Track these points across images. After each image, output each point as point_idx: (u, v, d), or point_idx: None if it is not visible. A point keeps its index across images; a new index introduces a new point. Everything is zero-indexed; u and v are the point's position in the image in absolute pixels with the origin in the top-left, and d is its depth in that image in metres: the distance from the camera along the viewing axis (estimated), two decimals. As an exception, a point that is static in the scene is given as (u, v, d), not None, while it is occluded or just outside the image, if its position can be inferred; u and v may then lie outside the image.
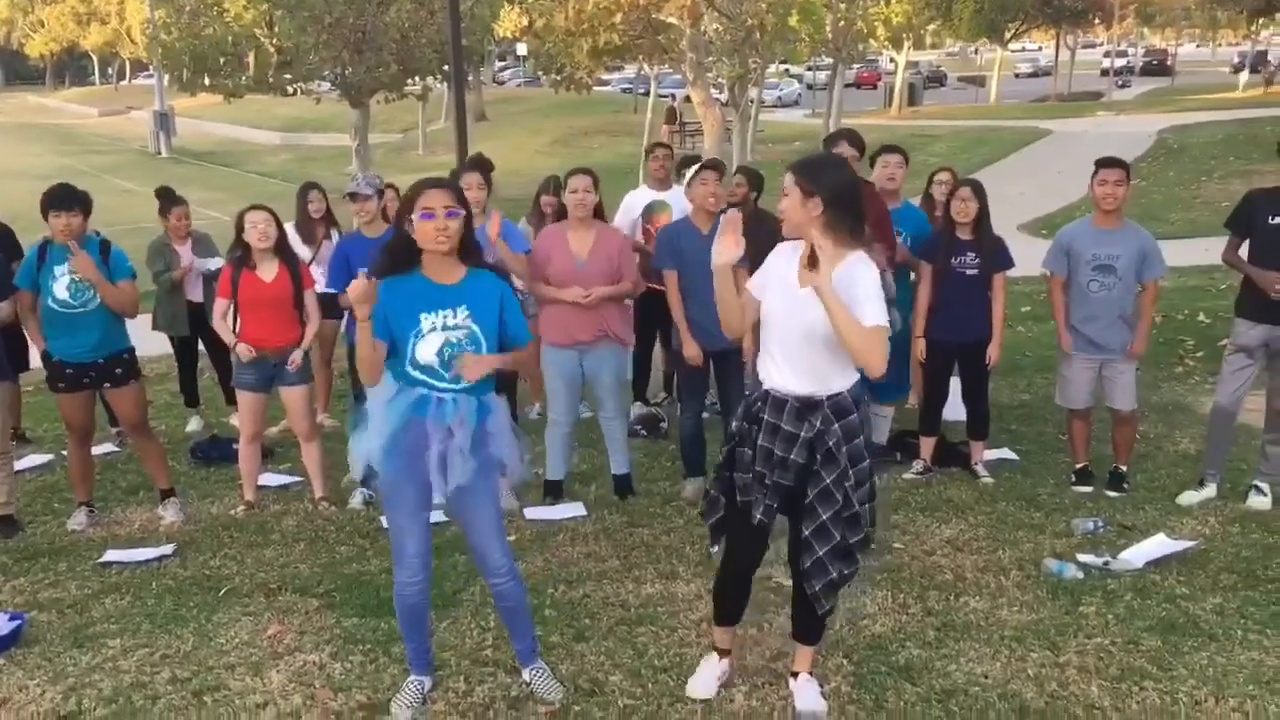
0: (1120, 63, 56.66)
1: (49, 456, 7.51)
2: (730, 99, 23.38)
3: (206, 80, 23.46)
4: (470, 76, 37.63)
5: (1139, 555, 5.16)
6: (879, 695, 3.98)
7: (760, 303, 3.68)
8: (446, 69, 21.01)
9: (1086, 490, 6.15)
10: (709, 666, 4.04)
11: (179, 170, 36.49)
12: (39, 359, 7.76)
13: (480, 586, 4.97)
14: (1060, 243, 6.15)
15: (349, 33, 21.31)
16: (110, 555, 5.58)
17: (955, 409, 6.64)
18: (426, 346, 3.65)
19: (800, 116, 42.25)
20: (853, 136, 6.28)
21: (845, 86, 36.38)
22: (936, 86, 57.40)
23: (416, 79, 23.78)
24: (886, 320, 3.47)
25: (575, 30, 20.97)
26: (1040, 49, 75.74)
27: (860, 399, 3.66)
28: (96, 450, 6.79)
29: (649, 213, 7.48)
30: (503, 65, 64.33)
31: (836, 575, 3.64)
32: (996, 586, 4.92)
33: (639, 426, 7.46)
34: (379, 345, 3.66)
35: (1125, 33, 66.74)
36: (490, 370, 3.70)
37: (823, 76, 42.14)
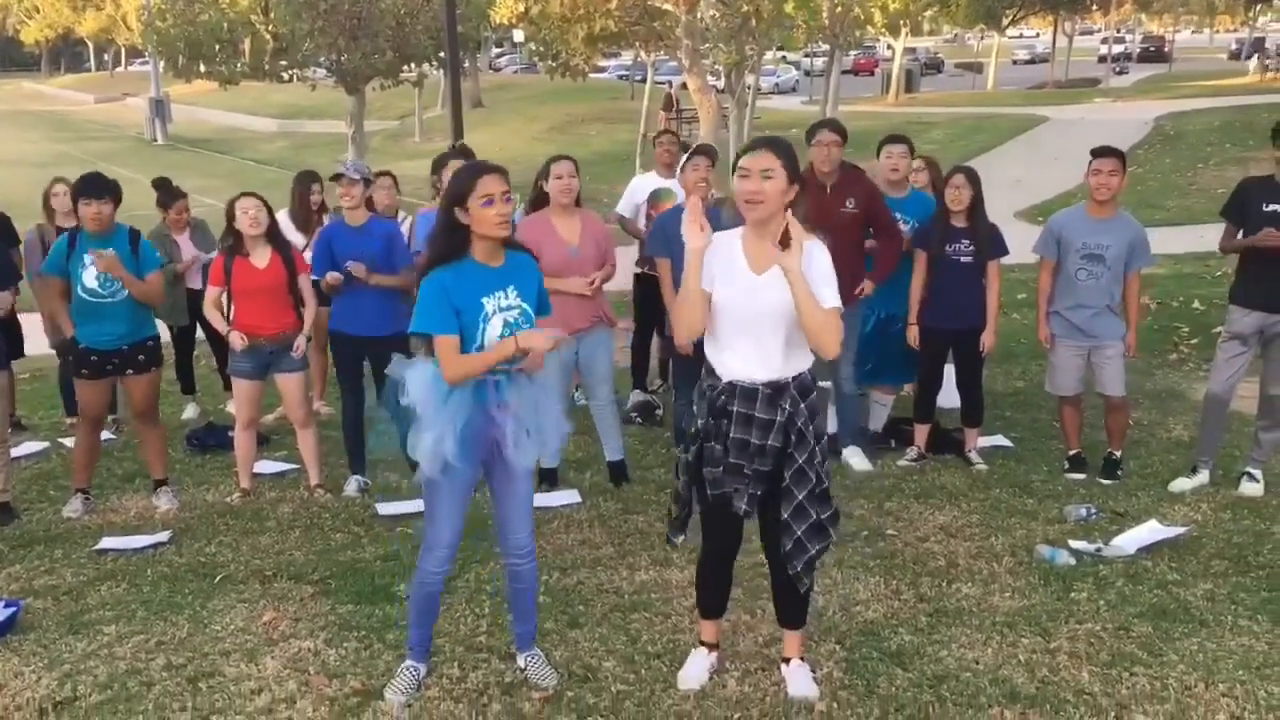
0: (1118, 49, 56.57)
1: (45, 444, 7.52)
2: (727, 86, 23.30)
3: (202, 67, 23.34)
4: (466, 63, 37.49)
5: (1131, 541, 5.18)
6: (871, 681, 4.00)
7: (709, 291, 3.62)
8: (442, 56, 20.93)
9: (1079, 477, 6.18)
10: (698, 659, 4.07)
11: (175, 157, 36.41)
12: (37, 347, 7.83)
13: (475, 574, 5.00)
14: (1051, 229, 6.17)
15: (344, 19, 21.20)
16: (106, 542, 5.59)
17: (950, 396, 6.66)
18: (492, 329, 3.68)
19: (797, 103, 42.10)
20: (834, 125, 6.28)
21: (842, 73, 36.30)
22: (933, 73, 57.25)
23: (412, 66, 23.67)
24: (840, 302, 3.53)
25: (571, 16, 20.88)
26: (1038, 35, 75.62)
27: (815, 377, 3.73)
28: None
29: (654, 199, 7.51)
30: (499, 52, 64.13)
31: (814, 552, 3.70)
32: (989, 573, 4.94)
33: (635, 414, 7.48)
34: (486, 355, 3.65)
35: (1123, 19, 66.59)
36: (551, 344, 3.68)
37: (820, 63, 42.01)
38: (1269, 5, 50.36)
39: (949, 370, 6.56)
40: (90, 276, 5.76)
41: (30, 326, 7.66)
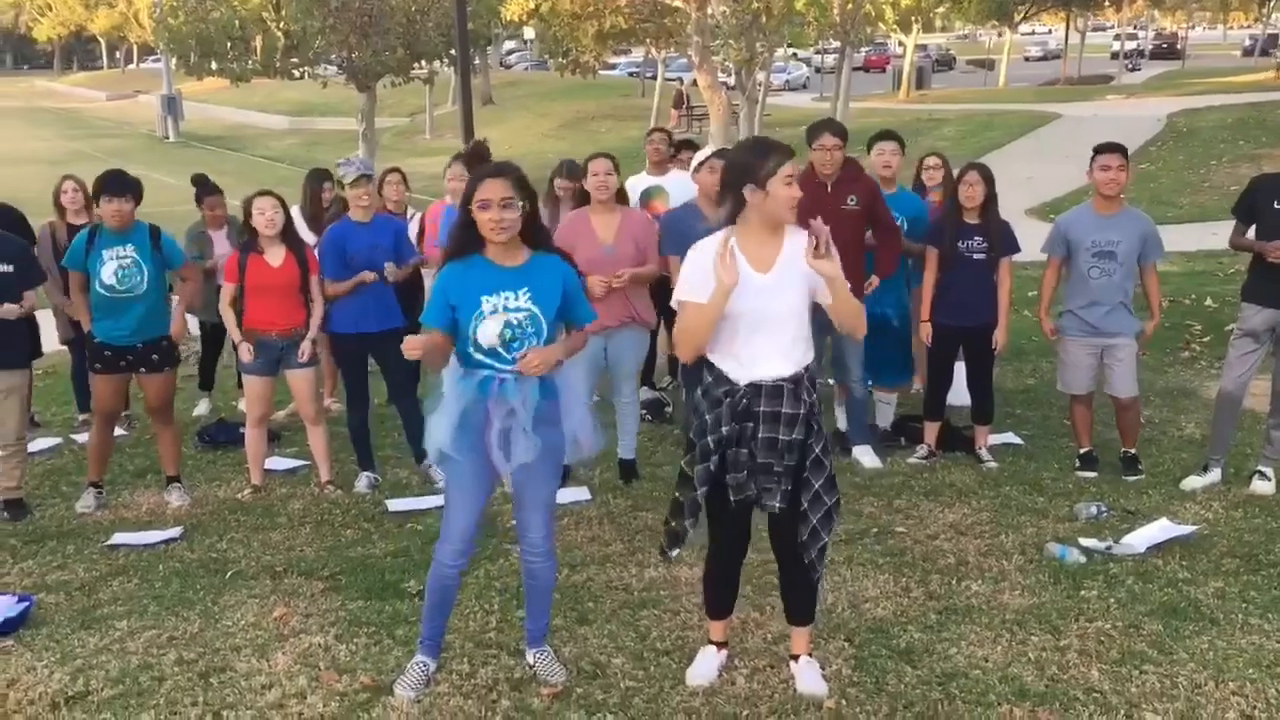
0: (1130, 46, 56.35)
1: (57, 440, 7.55)
2: (738, 83, 23.30)
3: (213, 64, 23.43)
4: (477, 60, 37.53)
5: (1142, 539, 5.17)
6: (879, 678, 4.00)
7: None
8: (453, 53, 20.98)
9: (1090, 475, 6.16)
10: (707, 657, 4.07)
11: (187, 154, 36.51)
12: (54, 344, 7.85)
13: (485, 570, 5.01)
14: (1059, 229, 6.16)
15: (355, 16, 21.28)
16: (118, 538, 5.62)
17: (960, 394, 6.65)
18: (488, 328, 3.70)
19: (808, 100, 42.07)
20: (835, 127, 6.27)
21: (854, 70, 36.23)
22: (945, 70, 57.17)
23: (423, 63, 23.73)
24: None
25: (581, 13, 20.93)
26: (1050, 32, 75.35)
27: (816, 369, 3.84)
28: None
29: (645, 198, 7.48)
30: (510, 49, 64.18)
31: (827, 538, 3.77)
32: (999, 570, 4.93)
33: (644, 411, 7.48)
34: (438, 333, 3.73)
35: (1135, 15, 66.33)
36: (554, 363, 3.75)
37: (831, 60, 41.94)
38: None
39: (959, 368, 6.55)
40: (109, 272, 5.78)
41: (42, 323, 7.67)
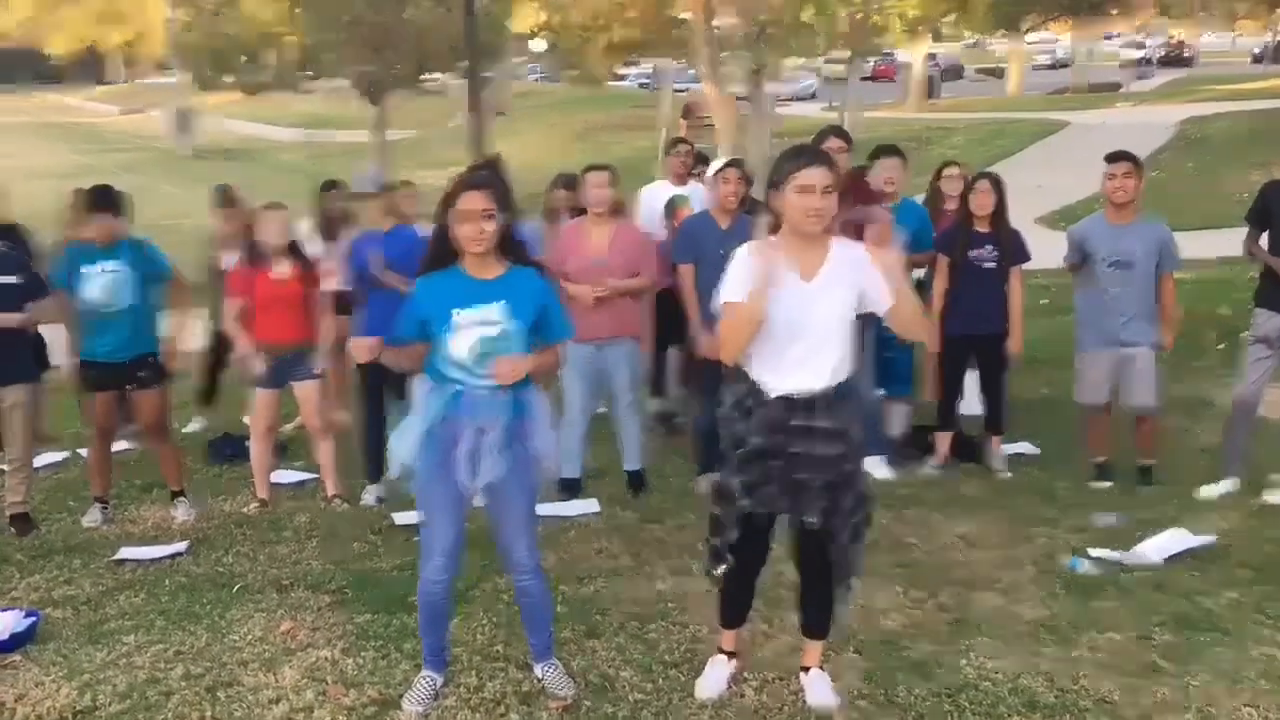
0: (1139, 54, 56.18)
1: (64, 454, 7.56)
2: (746, 93, 23.31)
3: (226, 78, 23.60)
4: (489, 73, 37.67)
5: (1156, 549, 5.12)
6: (890, 690, 3.96)
7: None
8: (463, 65, 21.07)
9: (1105, 485, 6.12)
10: (717, 668, 4.03)
11: (199, 167, 36.64)
12: (58, 358, 7.85)
13: (493, 583, 4.98)
14: (1074, 239, 6.14)
15: (367, 30, 21.40)
16: (124, 553, 5.61)
17: (973, 404, 6.60)
18: (460, 341, 3.65)
19: (817, 110, 42.02)
20: (839, 131, 6.25)
21: (863, 79, 36.23)
22: (954, 79, 57.06)
23: (434, 75, 23.86)
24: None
25: (591, 26, 20.99)
26: (1058, 40, 75.21)
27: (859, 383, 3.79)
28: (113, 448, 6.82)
29: (671, 208, 7.45)
30: (520, 61, 64.34)
31: (855, 556, 3.75)
32: (1011, 582, 4.89)
33: (654, 422, 7.45)
34: (407, 346, 3.74)
35: (1145, 24, 66.16)
36: (525, 373, 3.71)
37: (839, 70, 41.90)
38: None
39: (971, 377, 6.51)
40: (94, 288, 5.75)
41: (51, 338, 7.68)
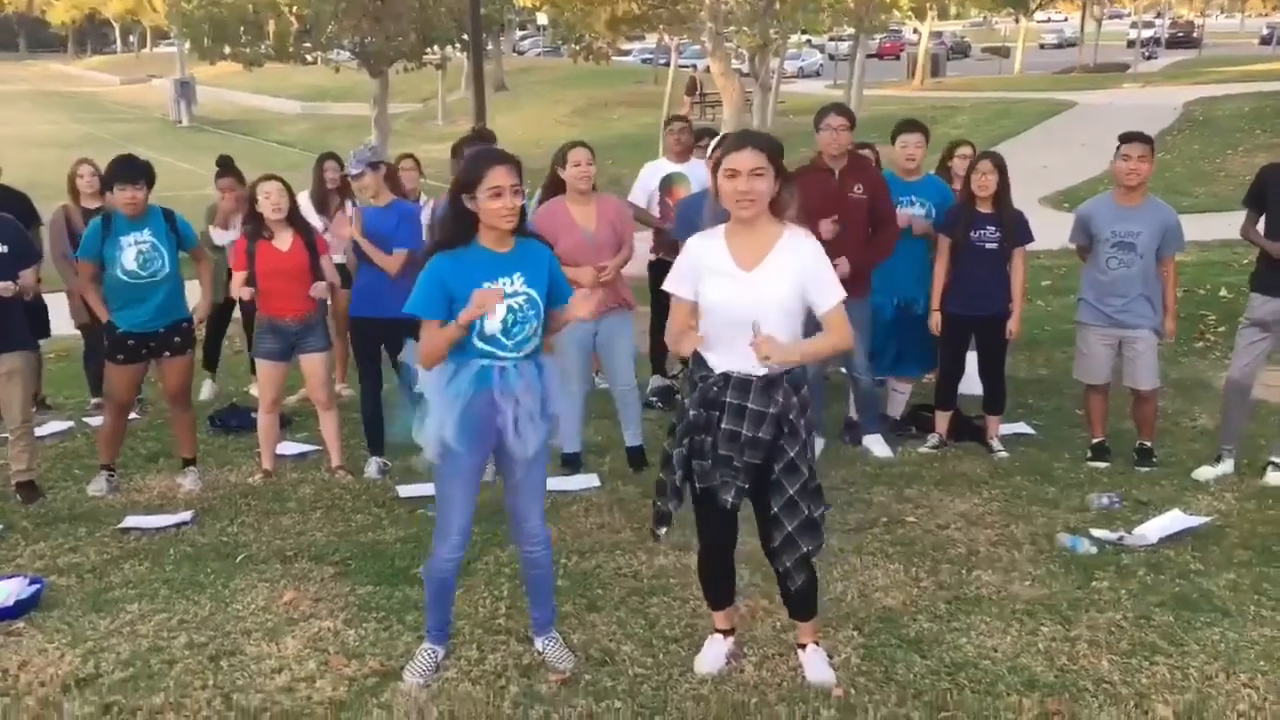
0: (1147, 34, 55.96)
1: (69, 423, 7.58)
2: (751, 69, 23.23)
3: (227, 49, 23.46)
4: (490, 46, 37.47)
5: (1154, 530, 5.14)
6: (889, 667, 4.00)
7: (694, 300, 3.66)
8: (466, 38, 20.95)
9: (1102, 465, 6.14)
10: (714, 645, 4.06)
11: (200, 138, 36.57)
12: (62, 327, 7.88)
13: (495, 556, 5.01)
14: (1080, 218, 6.12)
15: (368, 1, 21.27)
16: (129, 521, 5.64)
17: (972, 383, 6.62)
18: (493, 318, 3.66)
19: (822, 87, 41.85)
20: (843, 109, 6.21)
21: (868, 57, 36.04)
22: (960, 58, 56.83)
23: (435, 48, 23.69)
24: (843, 292, 3.61)
25: (594, 0, 20.86)
26: (1066, 20, 74.83)
27: (806, 372, 3.76)
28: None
29: (667, 184, 7.47)
30: (523, 34, 64.06)
31: (806, 550, 3.69)
32: (1009, 561, 4.92)
33: (655, 399, 7.48)
34: (453, 326, 3.65)
35: (1152, 3, 65.84)
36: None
37: (844, 47, 41.75)
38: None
39: (971, 357, 6.52)
40: (130, 258, 5.77)
41: (55, 306, 7.71)
